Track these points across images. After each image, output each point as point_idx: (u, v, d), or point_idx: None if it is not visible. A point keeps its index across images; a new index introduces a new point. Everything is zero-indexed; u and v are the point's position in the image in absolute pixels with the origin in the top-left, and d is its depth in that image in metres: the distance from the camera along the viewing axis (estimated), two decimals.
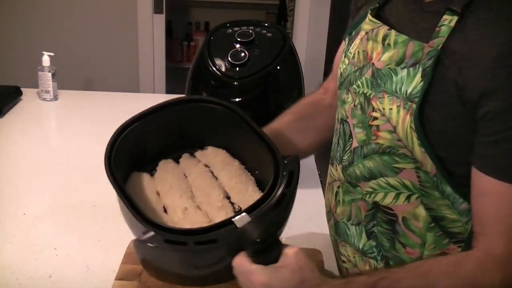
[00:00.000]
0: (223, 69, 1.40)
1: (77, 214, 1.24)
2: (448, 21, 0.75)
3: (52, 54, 1.92)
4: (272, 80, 1.44)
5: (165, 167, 0.96)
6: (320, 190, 1.40)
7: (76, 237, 1.16)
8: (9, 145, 1.60)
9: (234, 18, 1.61)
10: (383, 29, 0.85)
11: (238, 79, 1.38)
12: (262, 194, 0.81)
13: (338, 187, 0.96)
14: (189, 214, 0.86)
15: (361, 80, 0.88)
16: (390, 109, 0.81)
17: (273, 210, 0.76)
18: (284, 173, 0.80)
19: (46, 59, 1.90)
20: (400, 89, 0.79)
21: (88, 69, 3.03)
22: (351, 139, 0.91)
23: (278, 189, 0.78)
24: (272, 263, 0.71)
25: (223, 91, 1.40)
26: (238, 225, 0.73)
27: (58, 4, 2.90)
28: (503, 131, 0.70)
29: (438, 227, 0.84)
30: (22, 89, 1.95)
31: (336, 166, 0.96)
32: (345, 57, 0.95)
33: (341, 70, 0.96)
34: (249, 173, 0.91)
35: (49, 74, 1.90)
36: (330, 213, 1.01)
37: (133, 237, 0.79)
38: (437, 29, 0.76)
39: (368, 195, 0.89)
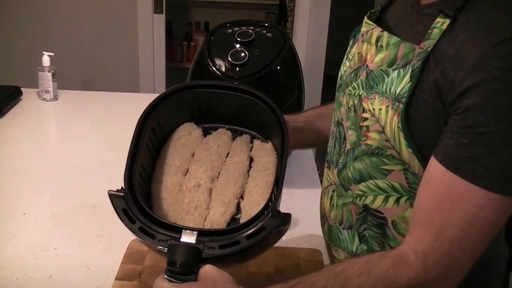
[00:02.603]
0: (223, 69, 1.40)
1: (77, 214, 1.24)
2: (441, 23, 0.75)
3: (52, 54, 1.92)
4: (272, 80, 1.44)
5: (219, 136, 0.96)
6: (320, 190, 1.40)
7: (76, 237, 1.16)
8: (9, 145, 1.60)
9: (234, 18, 1.61)
10: (377, 31, 0.86)
11: (238, 79, 1.38)
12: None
13: (333, 191, 0.96)
14: (197, 191, 0.87)
15: (356, 82, 0.88)
16: (380, 109, 0.81)
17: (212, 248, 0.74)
18: (257, 224, 0.76)
19: (46, 59, 1.90)
20: (390, 89, 0.80)
21: (88, 69, 3.03)
22: (345, 142, 0.91)
23: (241, 232, 0.76)
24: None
25: None
26: (181, 238, 0.74)
27: (58, 4, 2.90)
28: (469, 126, 0.70)
29: None
30: (22, 89, 1.95)
31: (332, 170, 0.96)
32: (346, 59, 0.96)
33: (342, 72, 0.96)
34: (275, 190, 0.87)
35: (49, 74, 1.90)
36: (324, 218, 1.01)
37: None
38: (429, 31, 0.76)
39: (358, 198, 0.89)
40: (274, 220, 0.75)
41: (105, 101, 2.02)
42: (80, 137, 1.67)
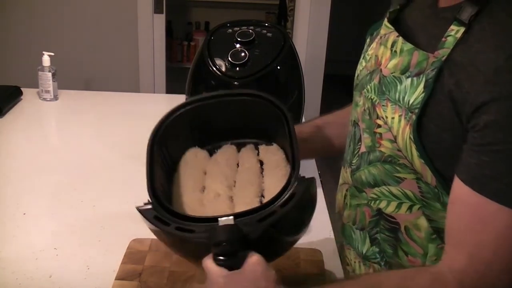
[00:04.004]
0: (223, 69, 1.40)
1: (77, 214, 1.24)
2: (455, 31, 0.74)
3: (52, 54, 1.92)
4: (272, 80, 1.43)
5: (225, 151, 0.98)
6: (321, 190, 1.40)
7: (76, 237, 1.16)
8: (9, 145, 1.59)
9: (234, 18, 1.61)
10: (393, 36, 0.84)
11: (238, 79, 1.38)
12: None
13: (347, 190, 0.96)
14: (218, 200, 0.88)
15: (370, 85, 0.88)
16: (393, 118, 0.80)
17: (253, 224, 0.75)
18: (287, 193, 0.78)
19: (46, 59, 1.90)
20: (403, 98, 0.79)
21: (88, 69, 3.03)
22: (359, 143, 0.90)
23: (274, 205, 0.77)
24: (237, 267, 0.72)
25: None
26: (219, 224, 0.74)
27: (58, 4, 2.90)
28: (489, 144, 0.69)
29: (440, 239, 0.83)
30: (22, 89, 1.94)
31: (346, 169, 0.96)
32: (362, 58, 0.95)
33: (358, 71, 0.95)
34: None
35: (49, 74, 1.90)
36: (338, 215, 1.01)
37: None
38: (443, 39, 0.75)
39: (373, 202, 0.88)
40: (301, 185, 0.77)
41: (105, 101, 2.01)
42: (80, 137, 1.67)
